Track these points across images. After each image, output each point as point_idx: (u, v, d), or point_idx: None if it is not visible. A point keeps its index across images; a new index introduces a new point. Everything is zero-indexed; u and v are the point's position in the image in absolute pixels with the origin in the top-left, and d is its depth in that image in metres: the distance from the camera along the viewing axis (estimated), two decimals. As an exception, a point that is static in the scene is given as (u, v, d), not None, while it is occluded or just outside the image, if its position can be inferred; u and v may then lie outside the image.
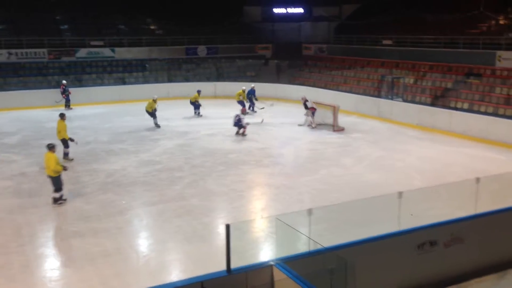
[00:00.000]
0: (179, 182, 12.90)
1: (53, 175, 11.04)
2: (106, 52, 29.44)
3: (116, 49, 29.62)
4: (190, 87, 27.79)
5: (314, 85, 26.84)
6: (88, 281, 7.88)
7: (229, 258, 6.40)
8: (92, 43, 29.11)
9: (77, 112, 23.32)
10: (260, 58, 32.94)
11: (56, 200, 11.11)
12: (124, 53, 29.94)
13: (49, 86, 26.19)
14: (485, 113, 18.04)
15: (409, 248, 7.50)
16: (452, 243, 7.79)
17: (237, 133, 18.16)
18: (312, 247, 8.69)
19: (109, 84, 27.62)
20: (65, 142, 14.79)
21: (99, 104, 25.18)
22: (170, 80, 29.08)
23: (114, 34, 30.93)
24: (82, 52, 28.69)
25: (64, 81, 24.69)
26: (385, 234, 7.88)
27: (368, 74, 25.80)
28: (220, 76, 30.13)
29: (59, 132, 14.85)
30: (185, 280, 6.49)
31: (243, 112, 18.54)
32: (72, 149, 15.30)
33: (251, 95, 23.92)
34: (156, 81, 28.90)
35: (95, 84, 27.50)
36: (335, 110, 19.11)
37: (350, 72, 27.00)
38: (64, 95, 24.33)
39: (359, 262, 7.09)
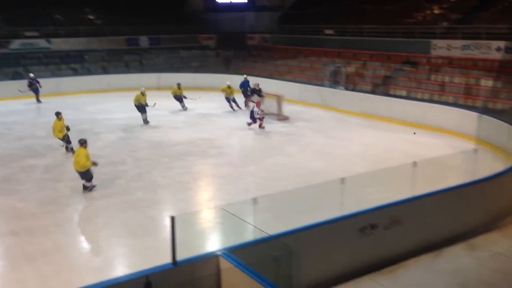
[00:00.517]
0: (122, 176, 12.61)
1: (82, 170, 11.10)
2: (42, 43, 28.18)
3: (52, 40, 28.40)
4: (132, 79, 27.24)
5: (259, 75, 26.93)
6: (26, 281, 7.58)
7: (174, 250, 6.34)
8: (27, 33, 27.78)
9: (11, 106, 22.23)
10: (204, 49, 32.67)
11: (86, 188, 11.34)
12: (61, 44, 28.78)
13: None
14: (422, 100, 18.80)
15: (352, 232, 7.71)
16: (392, 226, 8.08)
17: (250, 124, 17.69)
18: (258, 236, 8.78)
19: (45, 77, 26.48)
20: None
21: (35, 98, 24.10)
22: (110, 72, 28.30)
23: (50, 24, 29.62)
24: (16, 44, 27.35)
25: (31, 74, 23.57)
26: (328, 220, 8.05)
27: (311, 63, 26.19)
28: (163, 68, 29.58)
29: (53, 130, 14.64)
30: (129, 275, 6.36)
31: (258, 105, 17.65)
32: (5, 145, 14.64)
33: (246, 88, 22.23)
34: (96, 72, 28.05)
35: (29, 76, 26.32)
36: (279, 99, 19.29)
37: (294, 61, 27.30)
38: (30, 89, 23.07)
39: (304, 248, 7.21)
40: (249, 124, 17.60)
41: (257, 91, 19.43)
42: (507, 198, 9.87)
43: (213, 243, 9.32)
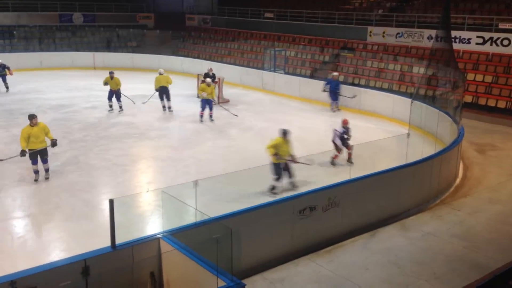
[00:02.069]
0: (57, 159, 12.10)
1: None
2: (-34, 16, 26.39)
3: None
4: (66, 57, 26.11)
5: (198, 57, 26.68)
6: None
7: (113, 233, 6.21)
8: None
9: None
10: (141, 28, 31.81)
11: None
12: (-13, 18, 27.08)
13: None
14: (358, 85, 19.37)
15: (291, 214, 7.89)
16: (330, 207, 8.34)
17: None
18: (199, 218, 8.77)
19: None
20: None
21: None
22: (42, 49, 26.94)
23: (-25, -4, 27.76)
24: None
25: None
26: (268, 202, 8.20)
27: (251, 46, 26.22)
28: (100, 46, 28.53)
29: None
30: (66, 259, 6.17)
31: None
32: None
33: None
34: (26, 49, 26.63)
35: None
36: (219, 82, 19.18)
37: (234, 44, 27.22)
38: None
39: (244, 230, 7.30)
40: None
41: (210, 76, 19.14)
42: (436, 180, 10.44)
43: (154, 226, 9.21)
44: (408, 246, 8.26)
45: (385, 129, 15.76)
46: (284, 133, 10.23)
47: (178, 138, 14.60)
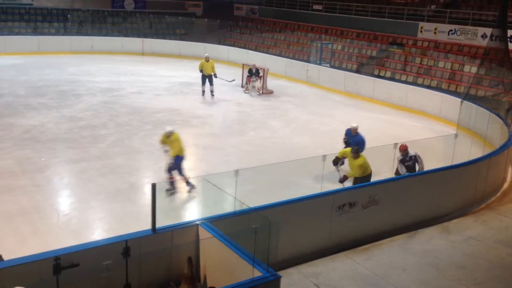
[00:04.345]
0: (103, 140, 12.50)
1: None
2: (24, -1, 27.38)
3: (35, -4, 27.62)
4: (116, 42, 26.71)
5: (244, 47, 26.69)
6: (3, 238, 7.52)
7: (154, 217, 6.34)
8: (9, -12, 26.92)
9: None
10: (190, 16, 32.11)
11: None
12: (44, 1, 27.96)
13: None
14: (406, 82, 18.92)
15: (330, 209, 7.83)
16: (370, 205, 8.22)
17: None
18: (238, 208, 8.84)
19: (26, 34, 25.78)
20: None
21: (15, 55, 23.51)
22: (93, 34, 27.65)
23: (33, -20, 28.72)
24: (-3, -3, 26.50)
25: None
26: (308, 196, 8.15)
27: (298, 38, 26.03)
28: (149, 32, 29.02)
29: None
30: (108, 239, 6.36)
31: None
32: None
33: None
34: (79, 33, 27.40)
35: (10, 32, 25.58)
36: (264, 73, 19.18)
37: (281, 35, 27.08)
38: None
39: (282, 222, 7.30)
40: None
41: (254, 73, 19.16)
42: (482, 184, 10.10)
43: (193, 213, 9.37)
44: (449, 249, 8.05)
45: (432, 128, 15.36)
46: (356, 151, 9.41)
47: (220, 127, 14.73)
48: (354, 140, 10.40)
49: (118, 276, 5.92)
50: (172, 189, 9.62)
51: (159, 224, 6.48)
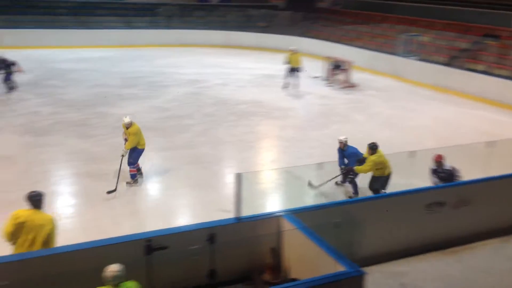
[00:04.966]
0: (189, 130, 12.91)
1: None
2: (116, -7, 28.89)
3: (127, -9, 29.04)
4: (201, 35, 27.40)
5: (327, 39, 26.32)
6: (100, 219, 8.02)
7: (239, 206, 6.45)
8: (103, -17, 28.51)
9: (84, 54, 23.09)
10: (272, 8, 32.19)
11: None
12: (135, -5, 29.36)
13: (60, 26, 25.83)
14: (501, 76, 17.71)
15: (418, 207, 7.52)
16: (460, 205, 7.81)
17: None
18: (321, 201, 8.77)
19: (117, 28, 27.16)
20: None
21: (107, 48, 24.86)
22: (180, 27, 28.53)
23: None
24: (92, -7, 28.17)
25: None
26: (394, 192, 7.91)
27: (383, 30, 25.22)
28: (232, 25, 29.48)
29: None
30: (195, 224, 6.56)
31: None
32: (81, 91, 15.32)
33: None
34: (167, 27, 28.41)
35: (102, 26, 27.06)
36: (348, 65, 18.81)
37: (365, 27, 26.38)
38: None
39: (366, 218, 7.13)
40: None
41: (338, 66, 18.92)
42: None
43: (274, 204, 9.42)
44: (549, 256, 7.47)
45: (530, 126, 14.30)
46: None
47: (304, 119, 14.66)
48: (347, 154, 9.39)
49: (203, 261, 6.10)
50: (132, 182, 9.42)
51: (242, 213, 6.59)
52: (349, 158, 9.24)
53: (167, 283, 5.93)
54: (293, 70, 17.40)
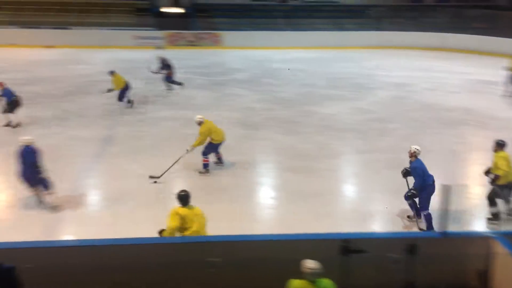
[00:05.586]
0: (391, 134, 12.63)
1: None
2: (331, -4, 29.67)
3: (339, -7, 29.60)
4: (411, 36, 26.45)
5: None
6: (301, 214, 8.34)
7: (445, 220, 6.08)
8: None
9: (296, 55, 24.36)
10: (494, 8, 29.18)
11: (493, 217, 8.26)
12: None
13: (275, 28, 27.71)
14: None
15: None
16: None
17: None
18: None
19: (327, 29, 27.90)
20: None
21: (318, 49, 25.81)
22: (388, 28, 27.91)
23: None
24: (309, -5, 29.46)
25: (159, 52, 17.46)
26: None
27: None
28: (447, 27, 27.67)
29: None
30: (395, 233, 6.43)
31: None
32: (292, 90, 16.16)
33: None
34: (377, 28, 28.13)
35: (314, 28, 28.09)
36: None
37: None
38: (170, 72, 16.41)
39: None
40: None
41: None
42: None
43: (482, 223, 8.61)
44: None
45: None
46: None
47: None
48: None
49: (399, 272, 5.93)
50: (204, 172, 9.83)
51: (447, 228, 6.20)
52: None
53: (359, 287, 5.94)
54: None
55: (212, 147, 9.84)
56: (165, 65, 16.29)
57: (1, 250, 4.96)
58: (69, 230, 8.02)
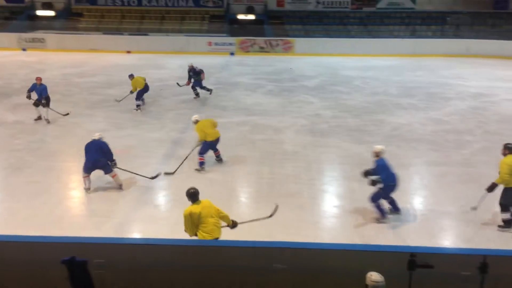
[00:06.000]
0: (467, 147, 12.04)
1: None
2: (407, 3, 28.95)
3: (418, 0, 28.71)
4: (493, 45, 25.21)
5: None
6: (363, 225, 8.20)
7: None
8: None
9: (370, 62, 23.92)
10: None
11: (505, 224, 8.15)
12: (425, 4, 28.85)
13: (348, 35, 27.43)
14: None
15: None
16: None
17: None
18: None
19: (404, 37, 27.20)
20: None
21: (392, 56, 25.22)
22: (469, 36, 26.71)
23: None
24: (383, 3, 28.93)
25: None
26: None
27: None
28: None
29: None
30: (466, 249, 6.13)
31: None
32: (362, 98, 15.85)
33: None
34: (455, 36, 27.04)
35: (389, 35, 27.50)
36: None
37: None
38: (188, 82, 16.62)
39: None
40: None
41: None
42: None
43: None
44: None
45: None
46: None
47: None
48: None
49: (469, 290, 5.64)
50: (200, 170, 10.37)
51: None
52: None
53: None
54: None
55: (207, 146, 10.38)
56: (195, 73, 16.42)
57: (75, 244, 5.24)
58: (138, 228, 8.34)
